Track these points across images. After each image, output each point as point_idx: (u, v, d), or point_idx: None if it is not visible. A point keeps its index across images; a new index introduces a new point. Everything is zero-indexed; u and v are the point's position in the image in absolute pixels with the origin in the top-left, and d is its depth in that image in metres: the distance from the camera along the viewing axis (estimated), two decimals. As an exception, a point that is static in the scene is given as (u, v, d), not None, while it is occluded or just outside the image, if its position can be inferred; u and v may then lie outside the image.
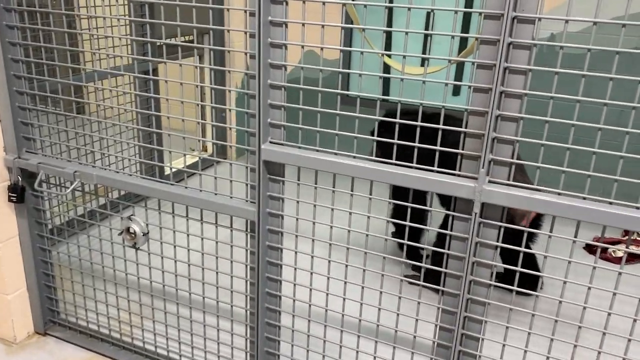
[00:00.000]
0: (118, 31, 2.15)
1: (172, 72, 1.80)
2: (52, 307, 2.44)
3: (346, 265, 1.78)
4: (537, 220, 2.58)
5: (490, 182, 1.46)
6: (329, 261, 1.80)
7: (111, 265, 2.22)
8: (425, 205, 1.68)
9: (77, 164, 2.09)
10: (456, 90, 4.23)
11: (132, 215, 2.03)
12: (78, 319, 2.43)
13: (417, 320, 1.73)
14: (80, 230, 2.29)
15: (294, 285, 1.89)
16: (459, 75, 4.22)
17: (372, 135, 2.56)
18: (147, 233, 2.03)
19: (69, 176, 2.02)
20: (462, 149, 1.48)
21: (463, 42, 3.87)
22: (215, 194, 1.87)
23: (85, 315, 2.39)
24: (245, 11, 1.58)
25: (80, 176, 2.02)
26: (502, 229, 1.50)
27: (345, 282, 1.80)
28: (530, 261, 2.76)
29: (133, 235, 2.02)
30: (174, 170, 3.09)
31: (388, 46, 4.31)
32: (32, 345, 2.40)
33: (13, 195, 2.15)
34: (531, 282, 1.75)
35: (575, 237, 1.44)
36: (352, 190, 1.70)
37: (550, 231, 1.46)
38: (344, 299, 1.82)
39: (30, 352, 2.36)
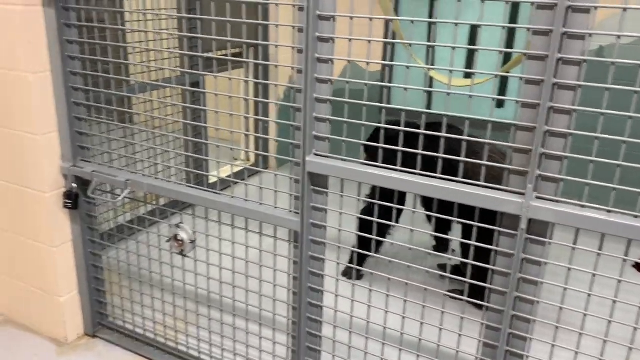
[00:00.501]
0: (167, 44, 2.22)
1: (215, 83, 1.86)
2: (101, 310, 2.53)
3: (388, 278, 1.79)
4: None
5: (537, 198, 1.45)
6: (371, 273, 1.81)
7: (158, 271, 2.29)
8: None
9: (128, 173, 2.17)
10: (500, 102, 4.17)
11: (180, 222, 2.09)
12: (125, 323, 2.51)
13: (460, 335, 1.72)
14: (129, 236, 2.37)
15: (336, 296, 1.91)
16: (502, 87, 4.17)
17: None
18: (194, 240, 2.09)
19: (121, 184, 2.10)
20: (510, 164, 1.47)
21: (508, 53, 3.83)
22: (261, 204, 1.91)
23: (132, 319, 2.47)
24: (294, 27, 1.62)
25: (131, 184, 2.10)
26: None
27: (388, 295, 1.80)
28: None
29: (181, 242, 2.08)
30: (218, 179, 3.16)
31: (430, 57, 4.29)
32: (81, 346, 2.49)
33: (68, 201, 2.25)
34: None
35: (626, 255, 1.41)
36: (395, 203, 1.71)
37: (600, 249, 1.43)
38: (386, 312, 1.83)
39: (80, 353, 2.45)
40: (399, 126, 1.65)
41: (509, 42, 4.03)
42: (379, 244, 1.86)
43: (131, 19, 3.02)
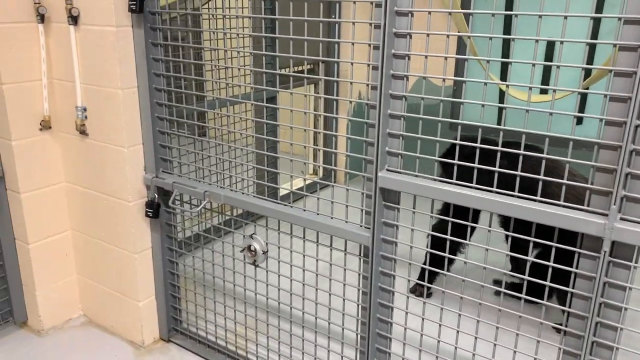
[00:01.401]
0: (244, 61, 2.31)
1: (287, 98, 1.91)
2: (175, 316, 2.64)
3: (461, 297, 1.76)
4: None
5: (622, 219, 1.39)
6: (443, 291, 1.79)
7: (231, 280, 2.36)
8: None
9: (207, 184, 2.27)
10: (579, 119, 4.02)
11: (254, 233, 2.15)
12: (198, 329, 2.60)
13: (535, 359, 1.66)
14: (205, 244, 2.46)
15: (406, 313, 1.90)
16: (582, 102, 4.01)
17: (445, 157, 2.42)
18: (267, 251, 2.14)
19: (200, 195, 2.19)
20: (592, 184, 1.42)
21: (588, 68, 3.69)
22: (332, 218, 1.94)
23: (205, 326, 2.55)
24: (370, 45, 1.64)
25: (209, 195, 2.18)
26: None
27: (460, 314, 1.77)
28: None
29: (254, 252, 2.14)
30: (289, 191, 3.23)
31: (504, 73, 4.21)
32: (156, 350, 2.60)
33: (150, 210, 2.37)
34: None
35: None
36: (469, 221, 1.68)
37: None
38: (458, 332, 1.80)
39: (155, 356, 2.55)
40: (474, 142, 1.63)
41: (589, 57, 3.88)
42: (450, 261, 1.83)
43: (210, 38, 3.17)
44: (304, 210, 1.99)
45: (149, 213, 2.37)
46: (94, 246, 2.60)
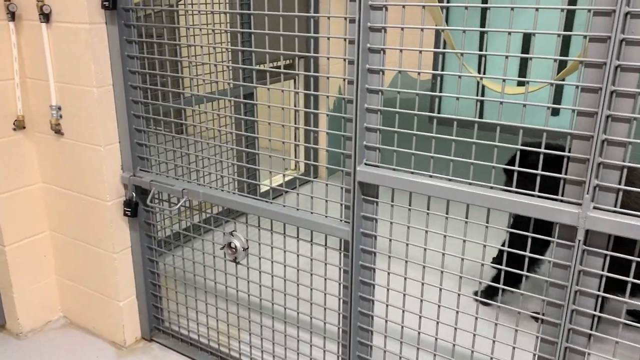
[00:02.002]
0: (221, 57, 2.29)
1: (266, 94, 1.90)
2: (157, 315, 2.62)
3: (440, 289, 1.77)
4: None
5: (595, 208, 1.41)
6: (422, 283, 1.80)
7: (212, 278, 2.35)
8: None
9: (185, 182, 2.25)
10: (555, 110, 4.07)
11: (234, 230, 2.15)
12: (180, 328, 2.58)
13: (514, 348, 1.69)
14: (185, 243, 2.45)
15: (387, 305, 1.91)
16: (557, 94, 4.06)
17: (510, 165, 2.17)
18: (247, 248, 2.14)
19: (178, 193, 2.18)
20: (566, 174, 1.44)
21: (563, 60, 3.73)
22: (312, 213, 1.94)
23: (187, 325, 2.54)
24: (345, 39, 1.64)
25: (188, 193, 2.17)
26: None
27: (439, 306, 1.79)
28: None
29: (234, 250, 2.13)
30: (270, 188, 3.23)
31: (482, 65, 4.24)
32: (139, 350, 2.58)
33: (128, 209, 2.35)
34: None
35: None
36: (447, 213, 1.70)
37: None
38: (438, 322, 1.81)
39: (138, 356, 2.54)
40: (539, 148, 1.52)
41: (564, 48, 3.93)
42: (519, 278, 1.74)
43: (187, 34, 3.14)
44: (284, 206, 1.99)
45: (127, 212, 2.35)
46: (73, 247, 2.57)
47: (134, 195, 2.35)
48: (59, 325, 2.75)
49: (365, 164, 1.77)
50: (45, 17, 2.18)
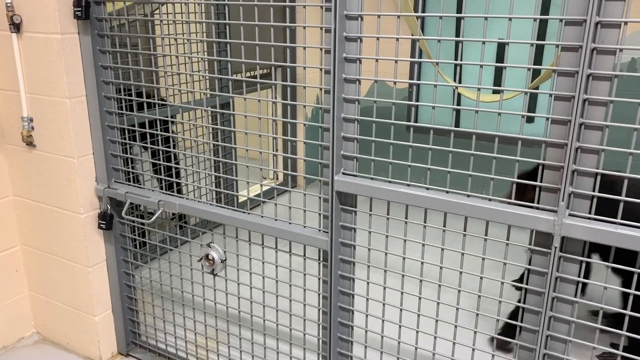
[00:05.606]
0: (197, 67, 2.27)
1: (242, 104, 1.89)
2: (134, 329, 2.57)
3: (419, 298, 1.77)
4: None
5: (570, 215, 1.43)
6: (402, 293, 1.80)
7: (190, 290, 2.31)
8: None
9: (161, 193, 2.22)
10: (529, 118, 4.13)
11: (211, 242, 2.12)
12: (158, 342, 2.53)
13: (493, 355, 1.69)
14: (161, 255, 2.41)
15: (366, 315, 1.90)
16: (532, 101, 4.12)
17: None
18: (225, 260, 2.11)
19: (154, 205, 2.14)
20: (541, 181, 1.45)
21: (536, 69, 3.80)
22: (290, 223, 1.93)
23: (165, 338, 2.49)
24: (322, 49, 1.64)
25: (164, 205, 2.14)
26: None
27: (419, 315, 1.79)
28: None
29: (212, 261, 2.10)
30: (247, 198, 3.22)
31: (458, 73, 4.29)
32: (115, 365, 2.53)
33: (102, 222, 2.30)
34: None
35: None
36: (425, 222, 1.70)
37: None
38: (417, 332, 1.81)
39: (114, 371, 2.48)
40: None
41: (537, 56, 4.00)
42: None
43: (162, 44, 3.11)
44: (262, 217, 1.98)
45: (102, 225, 2.31)
46: (46, 261, 2.51)
47: (109, 207, 2.31)
48: (32, 341, 2.68)
49: (343, 173, 1.76)
50: (16, 27, 2.14)
